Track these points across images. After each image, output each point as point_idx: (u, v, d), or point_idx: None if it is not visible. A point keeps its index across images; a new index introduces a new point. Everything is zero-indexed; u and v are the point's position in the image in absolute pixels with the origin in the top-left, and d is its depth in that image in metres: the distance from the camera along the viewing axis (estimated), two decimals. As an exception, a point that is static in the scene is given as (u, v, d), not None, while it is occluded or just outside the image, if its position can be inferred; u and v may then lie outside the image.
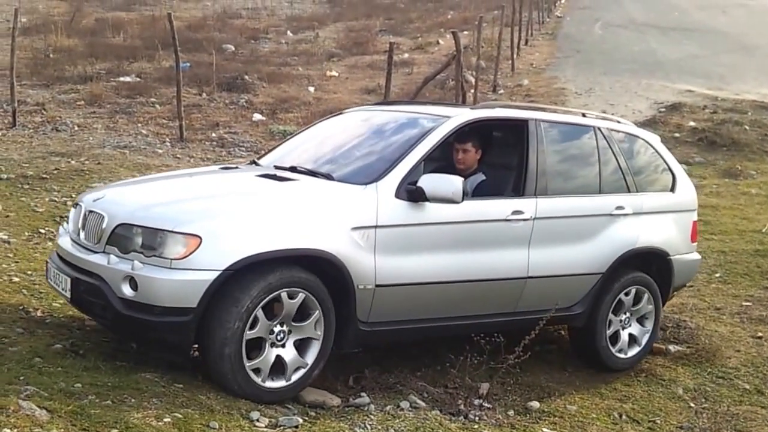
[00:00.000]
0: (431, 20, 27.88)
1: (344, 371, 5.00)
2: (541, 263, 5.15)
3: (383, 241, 4.46)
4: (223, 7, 28.03)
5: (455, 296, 4.85)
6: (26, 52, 17.60)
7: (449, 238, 4.77)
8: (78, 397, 3.70)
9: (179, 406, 3.84)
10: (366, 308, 4.46)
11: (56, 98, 14.31)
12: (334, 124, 5.91)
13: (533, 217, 5.10)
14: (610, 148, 5.77)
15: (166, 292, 3.92)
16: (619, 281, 5.60)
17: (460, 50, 12.27)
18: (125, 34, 21.15)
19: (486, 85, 18.09)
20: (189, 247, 3.94)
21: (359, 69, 19.25)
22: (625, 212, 5.64)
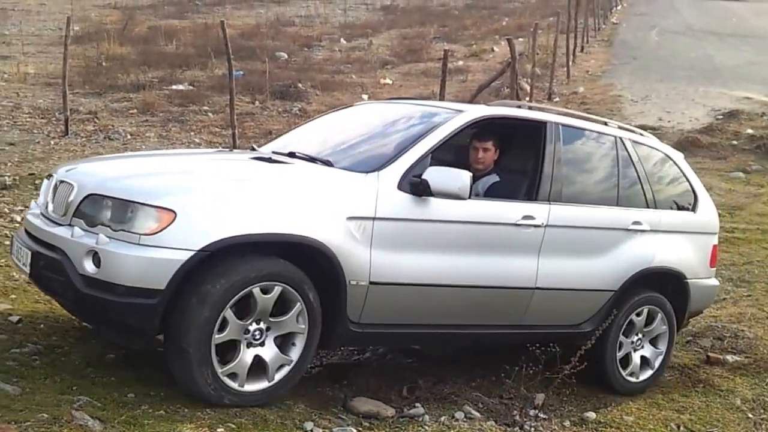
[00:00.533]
0: (486, 27, 27.83)
1: (398, 381, 4.97)
2: (550, 274, 4.93)
3: (381, 234, 4.20)
4: (276, 14, 28.43)
5: (456, 302, 4.62)
6: (79, 60, 18.04)
7: (454, 238, 4.54)
8: (131, 407, 3.75)
9: (232, 416, 3.84)
10: (358, 306, 4.20)
11: (109, 107, 14.61)
12: (343, 115, 5.79)
13: (545, 223, 4.88)
14: (631, 160, 5.59)
15: (131, 270, 3.58)
16: (631, 300, 5.39)
17: (516, 57, 12.18)
18: (178, 42, 21.52)
19: (541, 93, 17.92)
20: (161, 223, 3.61)
21: (413, 76, 19.28)
22: (642, 228, 5.43)
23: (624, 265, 5.31)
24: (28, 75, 16.90)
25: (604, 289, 5.24)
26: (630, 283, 5.33)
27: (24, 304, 5.40)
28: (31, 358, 4.32)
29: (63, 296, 3.97)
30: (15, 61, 17.91)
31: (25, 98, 14.89)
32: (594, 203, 5.29)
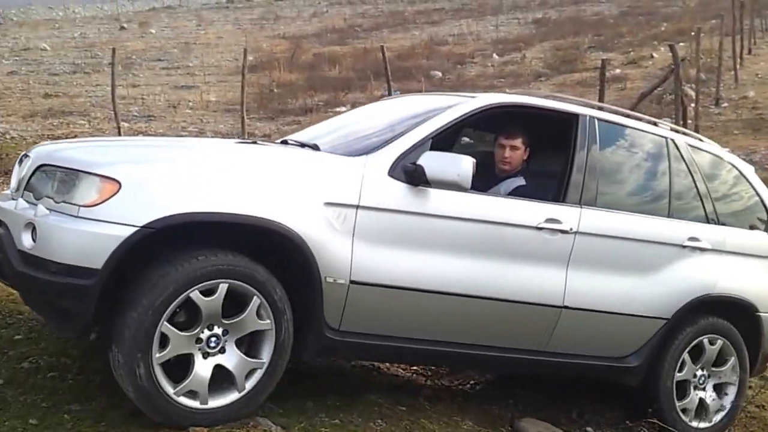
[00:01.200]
0: (643, 33, 26.68)
1: (565, 401, 4.78)
2: (582, 291, 4.07)
3: (366, 226, 3.50)
4: (430, 35, 28.68)
5: (461, 315, 3.82)
6: (253, 87, 19.00)
7: (457, 237, 3.75)
8: (309, 415, 3.80)
9: (403, 429, 3.83)
10: (337, 310, 3.51)
11: (281, 129, 15.25)
12: (363, 109, 5.28)
13: (575, 230, 4.03)
14: (687, 166, 4.67)
15: (65, 246, 3.04)
16: (689, 330, 4.48)
17: (678, 63, 11.57)
18: (340, 66, 22.24)
19: (707, 98, 16.94)
20: (103, 193, 3.07)
21: (569, 87, 18.78)
22: (700, 246, 4.51)
23: (678, 289, 4.41)
24: (210, 102, 18.04)
25: (654, 316, 4.34)
26: (686, 311, 4.42)
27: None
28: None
29: (6, 278, 3.38)
30: (198, 90, 19.15)
31: (208, 124, 15.88)
32: (638, 212, 4.40)
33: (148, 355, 3.09)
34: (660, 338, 4.38)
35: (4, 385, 3.64)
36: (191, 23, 41.20)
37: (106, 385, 3.58)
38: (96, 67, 24.01)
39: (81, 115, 16.52)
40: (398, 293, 3.61)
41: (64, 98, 18.59)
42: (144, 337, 3.08)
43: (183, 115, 16.80)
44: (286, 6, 51.42)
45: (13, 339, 4.14)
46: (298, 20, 41.20)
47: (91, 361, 3.90)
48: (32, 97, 18.46)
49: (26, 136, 14.17)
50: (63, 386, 3.66)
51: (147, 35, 34.38)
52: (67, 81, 21.36)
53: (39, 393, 3.57)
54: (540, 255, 3.98)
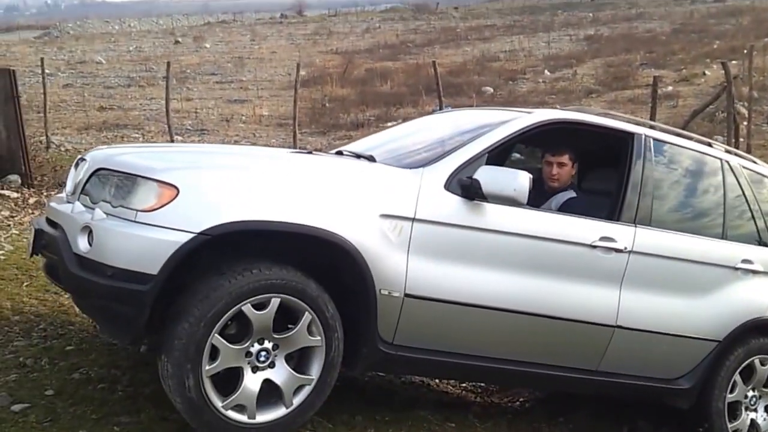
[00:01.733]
0: (696, 51, 26.24)
1: (616, 420, 4.71)
2: (635, 311, 4.03)
3: (421, 238, 3.47)
4: (481, 51, 28.69)
5: (514, 332, 3.78)
6: (305, 102, 19.21)
7: (513, 253, 3.72)
8: (358, 429, 3.82)
9: (451, 443, 3.83)
10: (391, 323, 3.48)
11: (332, 144, 15.37)
12: (416, 122, 5.22)
13: (629, 249, 4.00)
14: (741, 188, 4.64)
15: (122, 250, 3.04)
16: (740, 351, 4.42)
17: (731, 81, 11.39)
18: (392, 82, 22.36)
19: (760, 117, 16.54)
20: (162, 199, 3.07)
21: (620, 104, 18.55)
22: (754, 268, 4.46)
23: (731, 312, 4.35)
24: (263, 117, 18.31)
25: (706, 338, 4.29)
26: (738, 334, 4.37)
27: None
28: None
29: (61, 281, 3.37)
30: (251, 104, 19.45)
31: (261, 138, 16.10)
32: (692, 232, 4.34)
33: (198, 367, 3.07)
34: (711, 360, 4.33)
35: (55, 395, 3.65)
36: (245, 38, 41.97)
37: (156, 398, 3.62)
38: (150, 80, 24.55)
39: (135, 128, 16.89)
40: (452, 308, 3.58)
41: (119, 111, 19.04)
42: (194, 349, 3.06)
43: (236, 128, 17.08)
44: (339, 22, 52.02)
45: (65, 350, 4.19)
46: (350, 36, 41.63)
47: (141, 373, 3.94)
48: (87, 109, 18.93)
49: (80, 149, 14.57)
50: (113, 398, 3.68)
51: (201, 49, 35.10)
52: (122, 94, 21.88)
53: (89, 404, 3.57)
54: (594, 273, 3.94)
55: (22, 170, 9.55)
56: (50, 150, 13.49)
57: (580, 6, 51.90)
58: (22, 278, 5.44)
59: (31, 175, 9.71)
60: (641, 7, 46.51)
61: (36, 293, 5.15)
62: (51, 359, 4.05)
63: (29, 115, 13.99)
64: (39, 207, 8.33)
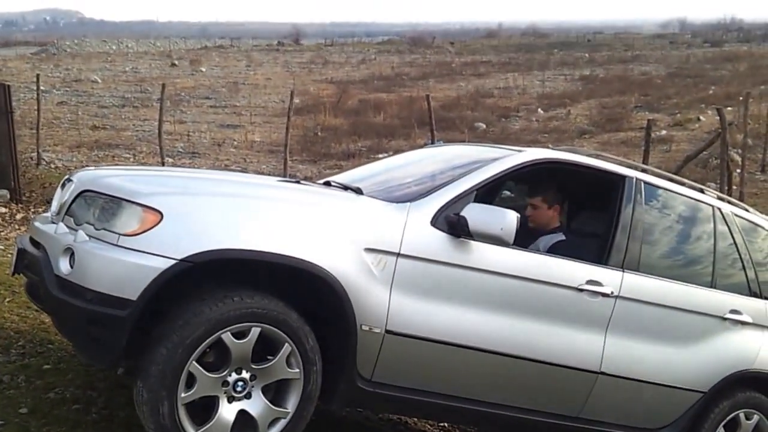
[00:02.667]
0: (690, 96, 26.52)
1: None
2: (620, 358, 3.95)
3: (404, 274, 3.42)
4: (476, 87, 28.87)
5: (495, 374, 3.70)
6: (298, 130, 19.19)
7: (497, 293, 3.65)
8: None
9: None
10: (370, 360, 3.41)
11: (322, 173, 15.31)
12: (406, 155, 5.18)
13: (616, 293, 3.92)
14: (732, 237, 4.55)
15: (102, 274, 3.00)
16: (726, 404, 4.33)
17: (725, 127, 11.42)
18: (385, 113, 22.40)
19: (754, 165, 16.64)
20: (145, 223, 3.04)
21: (612, 146, 18.62)
22: (742, 319, 4.37)
23: (717, 363, 4.27)
24: (255, 143, 18.26)
25: (691, 389, 4.19)
26: (724, 386, 4.27)
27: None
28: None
29: (42, 302, 3.35)
30: (243, 129, 19.42)
31: (251, 163, 16.04)
32: (680, 280, 4.24)
33: (173, 394, 3.00)
34: (696, 411, 4.22)
35: (29, 414, 3.58)
36: (241, 63, 42.16)
37: (129, 422, 3.52)
38: (145, 101, 24.55)
39: (127, 148, 16.82)
40: (433, 346, 3.49)
41: (111, 131, 18.98)
42: (171, 375, 2.99)
43: (227, 153, 17.02)
44: (335, 51, 52.39)
45: (42, 368, 4.11)
46: (346, 66, 41.89)
47: (118, 396, 3.84)
48: (80, 128, 18.86)
49: (71, 167, 14.46)
50: (86, 419, 3.60)
51: (197, 73, 35.20)
52: (116, 114, 21.85)
53: (62, 425, 3.49)
54: (579, 317, 3.86)
55: (11, 185, 9.47)
56: (40, 167, 13.40)
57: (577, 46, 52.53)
58: (5, 294, 5.34)
59: (20, 190, 9.63)
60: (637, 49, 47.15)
61: (17, 309, 5.05)
62: (28, 377, 3.97)
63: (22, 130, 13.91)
64: (26, 223, 8.23)
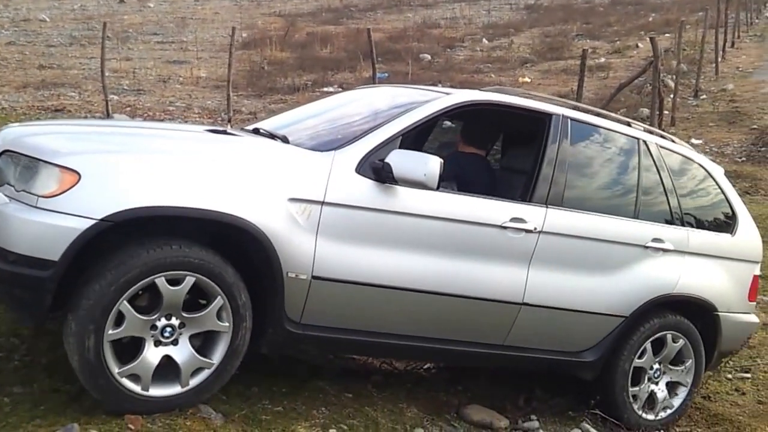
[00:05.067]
0: (631, 23, 26.54)
1: (516, 390, 4.73)
2: (542, 289, 4.04)
3: (330, 222, 3.43)
4: (423, 17, 28.40)
5: (422, 311, 3.79)
6: (244, 64, 18.79)
7: (422, 235, 3.69)
8: (252, 402, 3.73)
9: (346, 417, 3.78)
10: (298, 304, 3.47)
11: (267, 108, 15.09)
12: (337, 97, 5.15)
13: (539, 229, 3.99)
14: (657, 168, 4.62)
15: (23, 236, 2.97)
16: (646, 327, 4.48)
17: (658, 56, 11.49)
18: (332, 46, 21.98)
19: (687, 90, 16.85)
20: (63, 184, 2.99)
21: (553, 74, 18.67)
22: (663, 247, 4.47)
23: (638, 289, 4.37)
24: (200, 78, 17.83)
25: (612, 314, 4.31)
26: (645, 309, 4.40)
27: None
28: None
29: None
30: (190, 65, 18.93)
31: (196, 99, 15.70)
32: (604, 212, 4.31)
33: (101, 330, 3.03)
34: (617, 335, 4.36)
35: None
36: (189, -2, 40.71)
37: (52, 367, 3.52)
38: (92, 39, 23.66)
39: (72, 87, 16.31)
40: (360, 288, 3.56)
41: (58, 70, 18.35)
42: (101, 311, 3.01)
43: (172, 90, 16.61)
44: (284, -16, 50.76)
45: (-36, 319, 4.02)
46: (295, -2, 40.77)
47: (41, 342, 3.80)
48: (27, 68, 18.20)
49: (17, 107, 14.01)
50: (8, 367, 3.58)
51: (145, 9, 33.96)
52: (63, 53, 21.08)
53: (-19, 373, 3.48)
54: (503, 253, 3.93)
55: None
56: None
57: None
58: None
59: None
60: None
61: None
62: (-51, 327, 3.89)
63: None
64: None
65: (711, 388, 5.15)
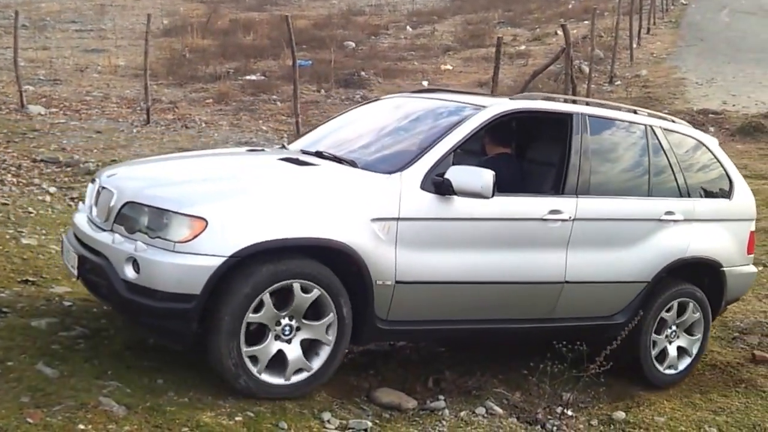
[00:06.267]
0: (551, 11, 27.04)
1: (426, 372, 4.83)
2: (579, 267, 4.69)
3: (405, 234, 4.06)
4: (348, 4, 28.30)
5: (485, 298, 4.45)
6: (165, 52, 18.38)
7: (479, 235, 4.35)
8: (157, 394, 3.73)
9: (253, 404, 3.79)
10: (385, 305, 4.09)
11: (188, 96, 14.84)
12: (369, 109, 5.57)
13: (572, 217, 4.63)
14: (662, 148, 5.26)
15: (168, 277, 3.58)
16: (666, 292, 5.12)
17: (570, 43, 11.77)
18: (255, 34, 21.70)
19: (602, 76, 17.32)
20: (194, 230, 3.59)
21: (474, 62, 18.91)
22: (675, 218, 5.12)
23: (657, 256, 5.02)
24: (119, 67, 17.36)
25: (637, 281, 4.97)
26: (664, 273, 5.06)
27: (83, 287, 5.46)
28: (75, 341, 4.31)
29: (108, 299, 3.97)
30: (108, 54, 18.40)
31: (114, 89, 15.30)
32: (624, 194, 4.99)
33: (244, 311, 3.67)
34: (642, 298, 5.01)
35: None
36: (109, -16, 39.48)
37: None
38: (8, 28, 22.71)
39: (-15, 77, 15.66)
40: (434, 287, 4.22)
41: (-30, 60, 17.58)
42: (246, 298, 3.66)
43: (90, 79, 16.13)
44: (208, -31, 49.64)
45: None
46: (218, -16, 39.95)
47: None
48: (-63, 58, 17.38)
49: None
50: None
51: (62, -5, 32.76)
52: (-25, 42, 20.20)
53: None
54: (545, 241, 4.58)
55: None
56: None
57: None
58: None
59: None
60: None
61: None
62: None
63: None
64: None
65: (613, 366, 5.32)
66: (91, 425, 3.28)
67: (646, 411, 4.82)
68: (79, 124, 12.36)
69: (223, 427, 3.53)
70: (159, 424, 3.43)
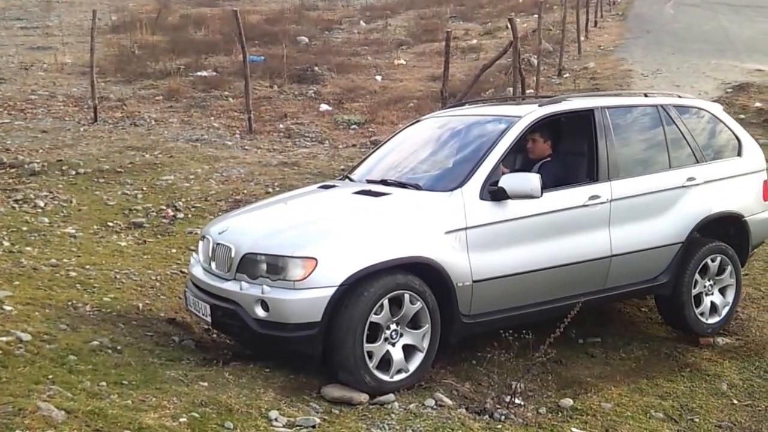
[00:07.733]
0: (502, 5, 27.23)
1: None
2: (622, 241, 5.33)
3: (474, 240, 4.68)
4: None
5: (547, 282, 5.02)
6: (113, 49, 18.01)
7: (535, 230, 4.97)
8: (99, 397, 3.66)
9: (198, 405, 3.74)
10: (467, 303, 4.68)
11: (137, 94, 14.56)
12: (413, 132, 6.15)
13: (609, 199, 5.29)
14: (675, 123, 5.88)
15: (294, 311, 4.21)
16: (699, 249, 5.72)
17: (517, 36, 11.86)
18: (206, 29, 21.40)
19: (551, 69, 17.48)
20: (307, 269, 4.21)
21: (427, 56, 18.92)
22: (696, 182, 5.75)
23: (686, 218, 5.66)
24: (66, 65, 16.96)
25: (673, 243, 5.60)
26: (695, 232, 5.70)
27: (25, 291, 5.34)
28: (15, 346, 4.23)
29: (241, 337, 4.65)
30: (54, 51, 17.97)
31: (61, 87, 14.94)
32: (649, 171, 5.62)
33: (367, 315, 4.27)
34: (680, 258, 5.64)
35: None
36: (55, -21, 38.55)
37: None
38: (-52, 25, 22.09)
39: (-77, 77, 15.16)
40: (505, 280, 4.81)
41: None
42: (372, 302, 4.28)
43: (35, 77, 15.72)
44: (158, -35, 48.82)
45: None
46: (169, -20, 39.31)
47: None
48: None
49: None
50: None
51: (6, -9, 31.90)
52: None
53: None
54: (590, 223, 5.24)
55: None
56: None
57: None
58: None
59: None
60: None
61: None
62: None
63: None
64: None
65: (562, 353, 5.40)
66: (29, 431, 3.19)
67: (594, 397, 4.86)
68: (24, 123, 12.06)
69: (166, 429, 3.46)
70: (100, 428, 3.35)
